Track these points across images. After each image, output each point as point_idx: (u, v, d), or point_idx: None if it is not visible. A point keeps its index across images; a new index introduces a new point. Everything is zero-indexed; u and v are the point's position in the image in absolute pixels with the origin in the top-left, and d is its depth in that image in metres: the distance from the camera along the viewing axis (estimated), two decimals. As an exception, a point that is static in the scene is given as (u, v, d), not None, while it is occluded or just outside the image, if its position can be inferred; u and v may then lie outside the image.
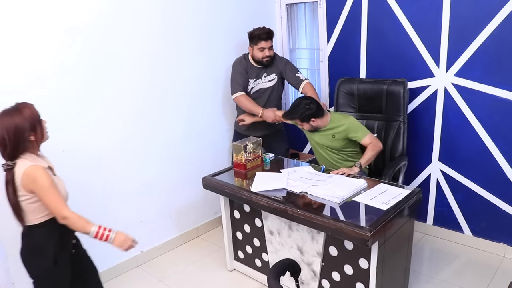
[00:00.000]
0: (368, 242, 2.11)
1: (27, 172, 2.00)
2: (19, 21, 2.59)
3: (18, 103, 2.07)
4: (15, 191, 2.03)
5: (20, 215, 2.09)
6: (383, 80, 3.42)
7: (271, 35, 3.46)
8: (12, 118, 1.99)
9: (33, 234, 2.13)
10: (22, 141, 2.02)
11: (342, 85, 3.59)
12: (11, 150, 2.00)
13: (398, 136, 3.34)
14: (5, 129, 1.97)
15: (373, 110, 3.49)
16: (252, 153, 3.19)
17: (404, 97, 3.30)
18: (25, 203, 2.06)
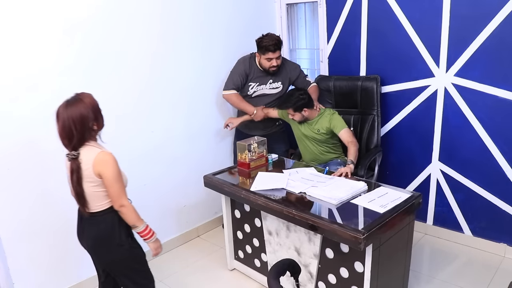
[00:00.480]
0: (361, 245, 2.11)
1: (99, 157, 2.08)
2: (18, 20, 2.60)
3: (78, 93, 2.11)
4: (80, 179, 2.08)
5: (84, 204, 2.13)
6: (357, 76, 3.67)
7: (279, 45, 3.39)
8: (77, 108, 2.04)
9: (101, 221, 2.19)
10: (87, 130, 2.08)
11: (320, 83, 3.76)
12: (77, 140, 2.06)
13: (372, 129, 3.57)
14: (71, 119, 2.02)
15: (348, 105, 3.71)
16: (256, 153, 3.19)
17: (377, 92, 3.51)
18: (92, 190, 2.11)
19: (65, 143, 2.08)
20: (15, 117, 2.67)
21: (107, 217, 2.20)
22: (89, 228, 2.21)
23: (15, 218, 2.75)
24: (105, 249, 2.23)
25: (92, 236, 2.22)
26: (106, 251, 2.23)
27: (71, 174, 2.09)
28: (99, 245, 2.23)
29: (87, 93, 2.13)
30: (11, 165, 2.69)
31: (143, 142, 3.34)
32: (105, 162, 2.09)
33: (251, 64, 3.51)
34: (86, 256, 3.12)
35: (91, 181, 2.10)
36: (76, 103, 2.05)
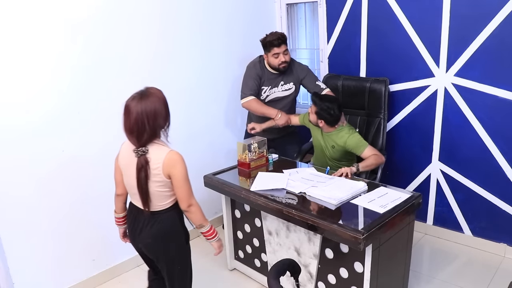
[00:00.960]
0: (361, 245, 2.11)
1: (169, 156, 2.04)
2: (19, 20, 2.61)
3: (148, 87, 2.08)
4: (147, 177, 2.04)
5: (147, 201, 2.11)
6: (366, 78, 3.60)
7: (283, 40, 3.31)
8: (151, 102, 2.00)
9: (164, 219, 2.17)
10: (158, 127, 2.04)
11: (328, 81, 3.72)
12: (148, 136, 2.01)
13: (378, 132, 3.49)
14: (145, 113, 1.97)
15: (356, 106, 3.62)
16: (256, 153, 3.19)
17: (385, 95, 3.44)
18: (157, 189, 2.09)
19: (134, 138, 2.03)
20: (16, 120, 2.68)
21: (169, 214, 2.19)
22: (151, 226, 2.17)
23: (15, 218, 2.76)
24: (166, 245, 2.21)
25: (154, 233, 2.18)
26: (166, 247, 2.22)
27: (139, 171, 2.04)
28: (161, 242, 2.20)
29: (157, 88, 2.10)
30: (11, 164, 2.70)
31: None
32: (176, 162, 2.06)
33: (262, 67, 3.43)
34: (86, 256, 3.15)
35: (158, 181, 2.08)
36: (149, 97, 2.01)
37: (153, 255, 2.27)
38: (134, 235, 2.27)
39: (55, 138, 2.87)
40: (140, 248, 2.32)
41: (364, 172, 3.14)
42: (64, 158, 2.92)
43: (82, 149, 3.00)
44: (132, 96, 2.04)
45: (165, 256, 2.23)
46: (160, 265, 2.30)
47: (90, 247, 3.17)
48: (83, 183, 3.05)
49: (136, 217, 2.23)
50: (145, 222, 2.18)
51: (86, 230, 3.12)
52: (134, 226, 2.25)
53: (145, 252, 2.31)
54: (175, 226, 2.22)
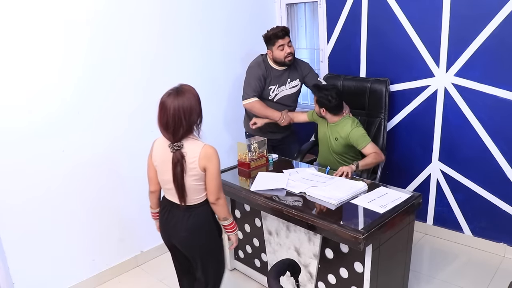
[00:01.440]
0: (361, 245, 2.11)
1: (205, 149, 2.10)
2: (19, 20, 2.61)
3: (182, 84, 2.12)
4: (183, 171, 2.08)
5: (184, 196, 2.14)
6: (367, 78, 3.60)
7: (286, 31, 3.30)
8: (187, 98, 2.05)
9: (199, 213, 2.22)
10: (193, 122, 2.10)
11: (328, 81, 3.70)
12: (184, 131, 2.06)
13: (379, 132, 3.50)
14: (182, 109, 2.02)
15: (356, 106, 3.60)
16: (256, 153, 3.19)
17: (385, 95, 3.44)
18: (192, 183, 2.13)
19: (169, 134, 2.08)
20: (15, 117, 2.68)
21: (203, 208, 2.23)
22: (187, 220, 2.21)
23: (15, 218, 2.76)
24: (201, 239, 2.26)
25: (190, 227, 2.21)
26: (202, 241, 2.26)
27: (175, 165, 2.08)
28: (197, 235, 2.24)
29: (190, 85, 2.14)
30: (11, 164, 2.70)
31: (143, 142, 3.33)
32: (211, 155, 2.11)
33: (267, 66, 3.39)
34: (86, 256, 3.15)
35: (195, 174, 2.12)
36: (184, 93, 2.06)
37: (188, 249, 2.30)
38: (168, 230, 2.29)
39: (55, 138, 2.87)
40: (172, 243, 2.32)
41: (364, 171, 3.16)
42: (64, 158, 2.92)
43: (82, 149, 3.00)
44: (168, 93, 2.08)
45: (200, 250, 2.28)
46: (194, 260, 2.32)
47: (90, 247, 3.17)
48: (83, 183, 3.05)
49: (170, 212, 2.25)
50: (180, 216, 2.22)
51: (86, 230, 3.12)
52: (167, 221, 2.27)
53: (180, 247, 2.31)
54: (209, 219, 2.26)
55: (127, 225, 3.36)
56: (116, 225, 3.29)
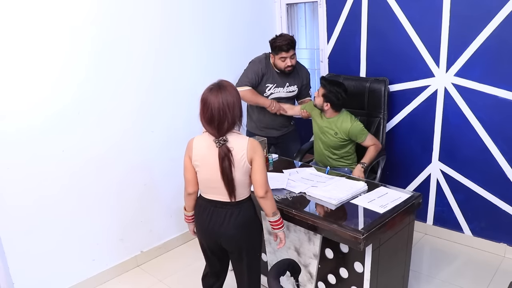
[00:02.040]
0: (361, 245, 2.11)
1: (251, 142, 2.14)
2: (20, 20, 2.61)
3: (222, 80, 2.17)
4: (231, 165, 2.10)
5: (233, 191, 2.15)
6: (366, 78, 3.62)
7: (292, 44, 3.32)
8: (230, 94, 2.10)
9: (247, 208, 2.24)
10: (236, 116, 2.12)
11: None
12: (229, 125, 2.09)
13: (378, 132, 3.51)
14: (226, 103, 2.06)
15: (356, 106, 3.62)
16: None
17: (384, 95, 3.46)
18: (241, 177, 2.14)
19: (214, 128, 2.09)
20: (15, 117, 2.68)
21: (250, 203, 2.27)
22: (236, 216, 2.20)
23: (15, 217, 2.76)
24: (250, 233, 2.27)
25: (239, 223, 2.21)
26: (250, 235, 2.28)
27: (222, 160, 2.09)
28: (246, 230, 2.25)
29: (230, 82, 2.18)
30: (11, 164, 2.69)
31: (143, 142, 3.34)
32: (257, 147, 2.14)
33: (267, 65, 3.45)
34: (86, 256, 3.15)
35: (242, 167, 2.13)
36: (227, 88, 2.11)
37: (236, 246, 2.27)
38: (213, 230, 2.25)
39: (55, 138, 2.87)
40: (217, 244, 2.30)
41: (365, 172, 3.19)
42: (64, 158, 2.92)
43: (82, 149, 3.00)
44: (209, 88, 2.13)
45: (248, 245, 2.28)
46: (240, 256, 2.31)
47: (90, 247, 3.17)
48: (83, 183, 3.04)
49: (214, 212, 2.22)
50: (228, 214, 2.20)
51: (86, 230, 3.11)
52: (212, 221, 2.23)
53: (225, 245, 2.29)
54: (255, 214, 2.30)
55: (127, 225, 3.36)
56: (116, 225, 3.29)
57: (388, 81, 3.47)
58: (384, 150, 3.46)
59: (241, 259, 2.32)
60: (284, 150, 3.61)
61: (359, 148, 3.35)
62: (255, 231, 2.32)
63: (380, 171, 3.45)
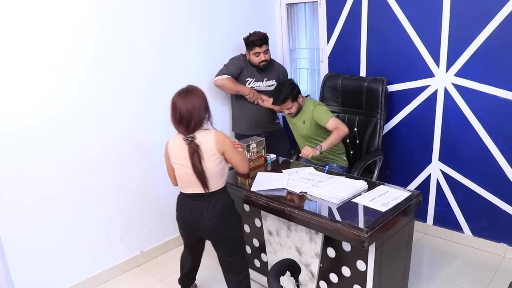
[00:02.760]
0: (365, 243, 2.11)
1: (217, 136, 2.38)
2: (20, 20, 2.60)
3: (191, 85, 2.43)
4: (200, 158, 2.33)
5: (206, 182, 2.37)
6: (365, 77, 3.63)
7: (265, 40, 3.53)
8: (197, 97, 2.35)
9: (223, 198, 2.48)
10: (203, 117, 2.36)
11: (328, 80, 3.79)
12: (196, 124, 2.33)
13: (374, 132, 3.53)
14: (192, 106, 2.31)
15: (354, 106, 3.67)
16: (255, 153, 3.19)
17: (382, 95, 3.45)
18: (216, 168, 2.39)
19: (183, 127, 2.34)
20: (15, 117, 2.67)
21: (225, 194, 2.50)
22: (212, 207, 2.42)
23: (15, 217, 2.75)
24: (229, 221, 2.50)
25: (217, 213, 2.43)
26: (230, 223, 2.51)
27: (191, 155, 2.33)
28: (225, 218, 2.47)
29: (197, 87, 2.43)
30: (11, 164, 2.69)
31: (143, 142, 3.34)
32: (222, 139, 2.39)
33: (245, 62, 3.65)
34: (86, 256, 3.14)
35: (216, 159, 2.38)
36: (193, 92, 2.36)
37: (217, 235, 2.49)
38: (193, 222, 2.46)
39: (55, 138, 2.86)
40: (199, 235, 2.52)
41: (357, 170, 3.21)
42: (64, 158, 2.91)
43: (82, 149, 3.00)
44: (178, 93, 2.37)
45: (228, 233, 2.50)
46: (223, 244, 2.53)
47: (90, 247, 3.16)
48: (83, 183, 3.04)
49: (193, 205, 2.44)
50: (205, 205, 2.42)
51: (86, 230, 3.11)
52: (191, 213, 2.45)
53: (207, 236, 2.53)
54: (232, 204, 2.55)
55: (127, 225, 3.35)
56: (116, 225, 3.28)
57: (386, 81, 3.47)
58: (380, 149, 3.49)
59: (223, 248, 2.54)
60: (273, 150, 3.59)
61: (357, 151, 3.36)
62: (234, 220, 2.54)
63: (377, 170, 3.46)
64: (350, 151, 3.67)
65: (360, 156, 3.58)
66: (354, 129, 3.64)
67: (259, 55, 3.55)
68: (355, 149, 3.64)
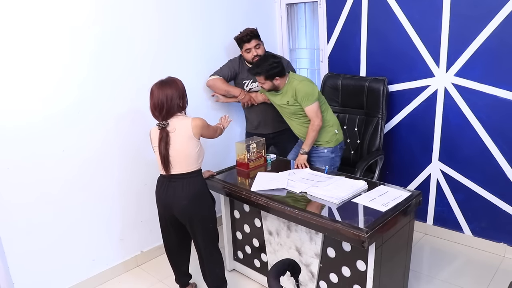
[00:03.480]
0: (365, 243, 2.11)
1: (194, 121, 2.58)
2: (20, 20, 2.60)
3: (170, 77, 2.62)
4: (167, 144, 2.53)
5: (168, 166, 2.57)
6: (365, 77, 3.61)
7: (253, 35, 3.45)
8: (171, 87, 2.54)
9: (195, 181, 2.65)
10: (175, 105, 2.55)
11: (328, 80, 3.77)
12: (166, 112, 2.53)
13: (376, 132, 3.52)
14: (165, 96, 2.51)
15: (355, 105, 3.65)
16: (255, 153, 3.19)
17: (383, 94, 3.44)
18: (192, 151, 2.59)
19: (157, 114, 2.54)
20: (15, 117, 2.67)
21: (199, 178, 2.69)
22: (185, 188, 2.60)
23: (15, 217, 2.75)
24: (200, 204, 2.66)
25: (188, 195, 2.60)
26: (201, 206, 2.67)
27: (159, 141, 2.53)
28: (196, 200, 2.63)
29: (177, 78, 2.63)
30: (10, 164, 2.68)
31: (143, 142, 3.33)
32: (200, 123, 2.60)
33: (241, 63, 3.61)
34: (86, 256, 3.14)
35: (193, 143, 2.58)
36: (170, 83, 2.55)
37: (187, 216, 2.64)
38: (167, 202, 2.65)
39: (55, 138, 2.86)
40: (172, 215, 2.67)
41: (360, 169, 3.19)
42: (64, 158, 2.91)
43: (83, 149, 2.99)
44: (155, 83, 2.56)
45: (199, 215, 2.65)
46: (193, 226, 2.66)
47: (90, 247, 3.16)
48: (83, 183, 3.04)
49: (168, 186, 2.62)
50: (178, 186, 2.60)
51: (86, 230, 3.11)
52: (167, 194, 2.63)
53: (179, 216, 2.66)
54: (205, 187, 2.73)
55: (127, 225, 3.35)
56: (116, 225, 3.28)
57: (387, 81, 3.47)
58: (381, 149, 3.48)
59: (196, 229, 2.67)
60: (282, 149, 3.65)
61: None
62: (207, 204, 2.70)
63: (378, 170, 3.46)
64: (350, 151, 3.66)
65: (361, 156, 3.57)
66: (355, 129, 3.64)
67: (250, 51, 3.45)
68: (356, 148, 3.64)
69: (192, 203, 2.60)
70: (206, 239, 2.71)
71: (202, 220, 2.67)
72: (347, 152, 3.65)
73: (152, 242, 3.53)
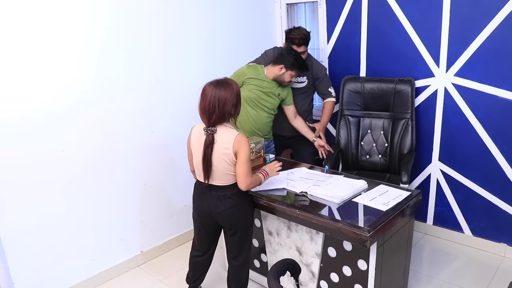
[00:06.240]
0: (367, 243, 2.11)
1: (238, 138, 2.35)
2: (23, 21, 2.60)
3: (227, 78, 2.43)
4: (212, 152, 2.35)
5: (209, 174, 2.41)
6: (391, 78, 3.49)
7: (305, 41, 3.35)
8: (225, 91, 2.32)
9: (238, 192, 2.46)
10: (227, 112, 2.35)
11: (348, 84, 3.64)
12: (217, 118, 2.33)
13: (406, 133, 3.44)
14: (218, 99, 2.30)
15: (379, 108, 3.55)
16: (254, 153, 3.19)
17: (412, 95, 3.39)
18: (227, 166, 2.39)
19: (205, 118, 2.36)
20: (15, 117, 2.67)
21: (238, 189, 2.45)
22: (228, 197, 2.46)
23: (15, 217, 2.74)
24: (243, 212, 2.55)
25: (234, 203, 2.47)
26: (244, 213, 2.55)
27: (205, 147, 2.35)
28: (241, 207, 2.52)
29: (233, 80, 2.43)
30: (10, 164, 2.68)
31: (143, 142, 3.33)
32: (242, 143, 2.35)
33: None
34: (86, 256, 3.14)
35: (227, 159, 2.37)
36: (225, 86, 2.33)
37: (230, 222, 2.52)
38: (209, 208, 2.50)
39: (55, 138, 2.86)
40: (213, 219, 2.55)
41: (407, 173, 3.16)
42: (64, 158, 2.90)
43: (83, 149, 2.99)
44: (210, 82, 2.37)
45: (242, 222, 2.55)
46: (233, 231, 2.56)
47: (90, 247, 3.15)
48: (83, 183, 3.03)
49: (209, 195, 2.48)
50: (220, 196, 2.46)
51: (86, 230, 3.10)
52: (208, 199, 2.49)
53: (221, 221, 2.54)
54: (248, 197, 2.60)
55: (127, 225, 3.35)
56: (116, 225, 3.27)
57: (414, 82, 3.40)
58: (414, 151, 3.41)
59: (235, 234, 2.57)
60: (297, 152, 3.66)
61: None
62: (249, 212, 2.59)
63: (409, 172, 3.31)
64: (378, 155, 3.58)
65: (391, 159, 3.48)
66: (381, 132, 3.55)
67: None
68: (384, 152, 3.54)
69: (237, 209, 2.50)
70: (242, 244, 2.64)
71: (244, 226, 2.58)
72: (374, 156, 3.59)
73: (152, 242, 3.53)
